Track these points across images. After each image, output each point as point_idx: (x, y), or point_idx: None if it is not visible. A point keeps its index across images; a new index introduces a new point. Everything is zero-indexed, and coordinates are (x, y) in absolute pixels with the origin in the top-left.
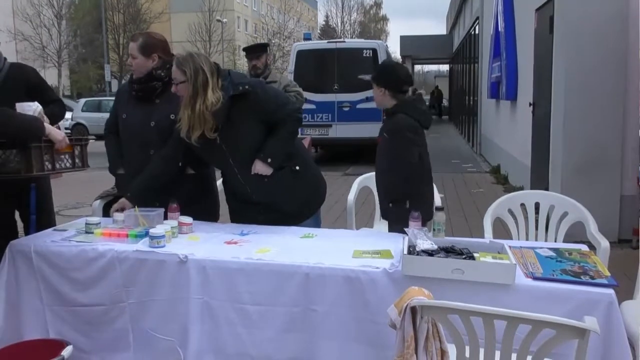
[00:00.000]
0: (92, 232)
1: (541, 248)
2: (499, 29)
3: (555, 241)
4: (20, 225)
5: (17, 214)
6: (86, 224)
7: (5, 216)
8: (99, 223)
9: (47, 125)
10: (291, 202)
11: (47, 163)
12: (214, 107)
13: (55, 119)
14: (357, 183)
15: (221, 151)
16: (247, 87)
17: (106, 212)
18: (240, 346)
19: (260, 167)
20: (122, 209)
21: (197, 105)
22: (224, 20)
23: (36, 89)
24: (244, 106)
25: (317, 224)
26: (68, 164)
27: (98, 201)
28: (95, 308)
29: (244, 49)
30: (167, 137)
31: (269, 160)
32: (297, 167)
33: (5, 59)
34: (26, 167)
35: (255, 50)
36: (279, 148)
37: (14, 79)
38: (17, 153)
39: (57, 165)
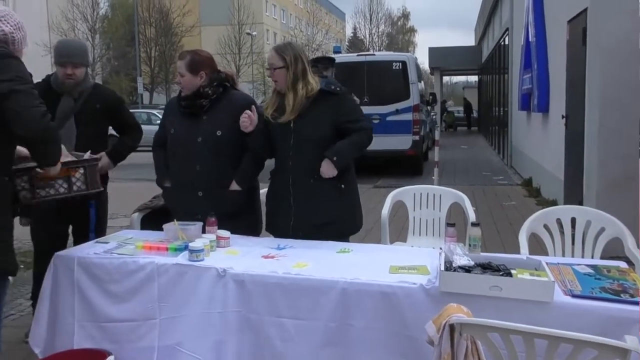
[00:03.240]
0: (133, 245)
1: (579, 265)
2: (530, 40)
3: (592, 257)
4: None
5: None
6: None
7: (58, 229)
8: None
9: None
10: (320, 214)
11: (39, 190)
12: (312, 92)
13: (121, 155)
14: (390, 197)
15: (289, 133)
16: (339, 88)
17: (144, 225)
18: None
19: (326, 168)
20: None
21: (298, 89)
22: (254, 33)
23: (114, 111)
24: (327, 105)
25: None
26: (62, 190)
27: (136, 214)
28: (126, 324)
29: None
30: (213, 153)
31: (335, 158)
32: (342, 186)
33: (93, 81)
34: (32, 195)
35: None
36: (348, 150)
37: (93, 100)
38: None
39: (44, 192)
